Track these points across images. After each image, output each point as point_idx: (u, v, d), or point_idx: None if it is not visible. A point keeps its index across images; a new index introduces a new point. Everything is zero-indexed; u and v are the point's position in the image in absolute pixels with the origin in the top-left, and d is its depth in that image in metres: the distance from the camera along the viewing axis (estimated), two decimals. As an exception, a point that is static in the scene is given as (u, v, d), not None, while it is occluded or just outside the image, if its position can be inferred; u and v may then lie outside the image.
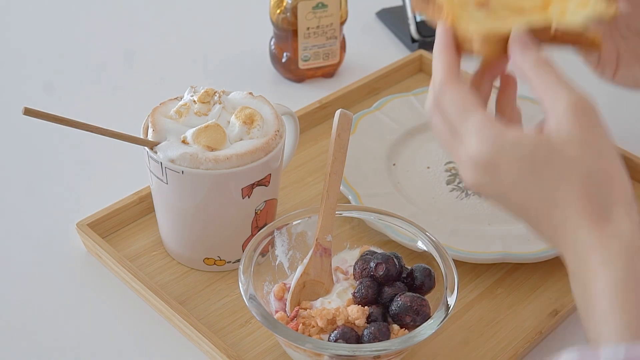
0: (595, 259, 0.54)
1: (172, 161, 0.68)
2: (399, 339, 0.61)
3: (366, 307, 0.64)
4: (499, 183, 0.59)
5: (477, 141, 0.59)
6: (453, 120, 0.61)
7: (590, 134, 0.57)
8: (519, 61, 0.61)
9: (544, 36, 0.67)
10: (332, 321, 0.63)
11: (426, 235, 0.70)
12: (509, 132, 0.58)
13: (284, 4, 0.97)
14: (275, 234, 0.70)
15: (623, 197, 0.56)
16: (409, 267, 0.68)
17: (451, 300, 0.64)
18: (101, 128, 0.68)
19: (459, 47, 0.68)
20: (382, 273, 0.66)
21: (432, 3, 0.73)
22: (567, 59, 0.70)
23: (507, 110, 0.65)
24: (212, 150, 0.68)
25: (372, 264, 0.66)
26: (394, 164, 0.88)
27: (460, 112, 0.60)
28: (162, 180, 0.70)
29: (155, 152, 0.69)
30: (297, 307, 0.66)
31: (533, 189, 0.58)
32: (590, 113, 0.58)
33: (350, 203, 0.80)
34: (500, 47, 0.66)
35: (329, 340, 0.62)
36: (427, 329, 0.62)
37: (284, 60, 1.01)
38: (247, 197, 0.70)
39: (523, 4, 0.73)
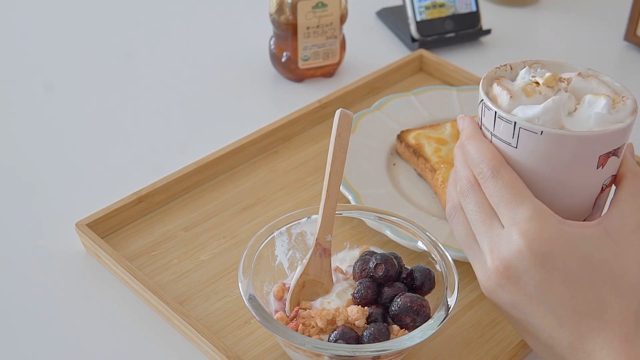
0: None
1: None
2: (399, 340, 0.61)
3: (366, 307, 0.64)
4: (553, 272, 0.56)
5: (537, 226, 0.56)
6: (500, 202, 0.58)
7: None
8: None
9: None
10: (331, 321, 0.63)
11: (426, 235, 0.69)
12: (568, 224, 0.57)
13: (284, 3, 0.96)
14: (275, 234, 0.69)
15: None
16: (409, 268, 0.68)
17: (451, 301, 0.63)
18: None
19: None
20: (381, 273, 0.65)
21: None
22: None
23: None
24: None
25: (372, 264, 0.66)
26: (394, 164, 0.88)
27: (514, 196, 0.58)
28: (510, 145, 0.61)
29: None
30: (297, 307, 0.66)
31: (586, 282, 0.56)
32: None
33: (350, 203, 0.80)
34: None
35: (328, 341, 0.62)
36: (427, 329, 0.62)
37: (283, 60, 1.01)
38: (601, 167, 0.61)
39: None
